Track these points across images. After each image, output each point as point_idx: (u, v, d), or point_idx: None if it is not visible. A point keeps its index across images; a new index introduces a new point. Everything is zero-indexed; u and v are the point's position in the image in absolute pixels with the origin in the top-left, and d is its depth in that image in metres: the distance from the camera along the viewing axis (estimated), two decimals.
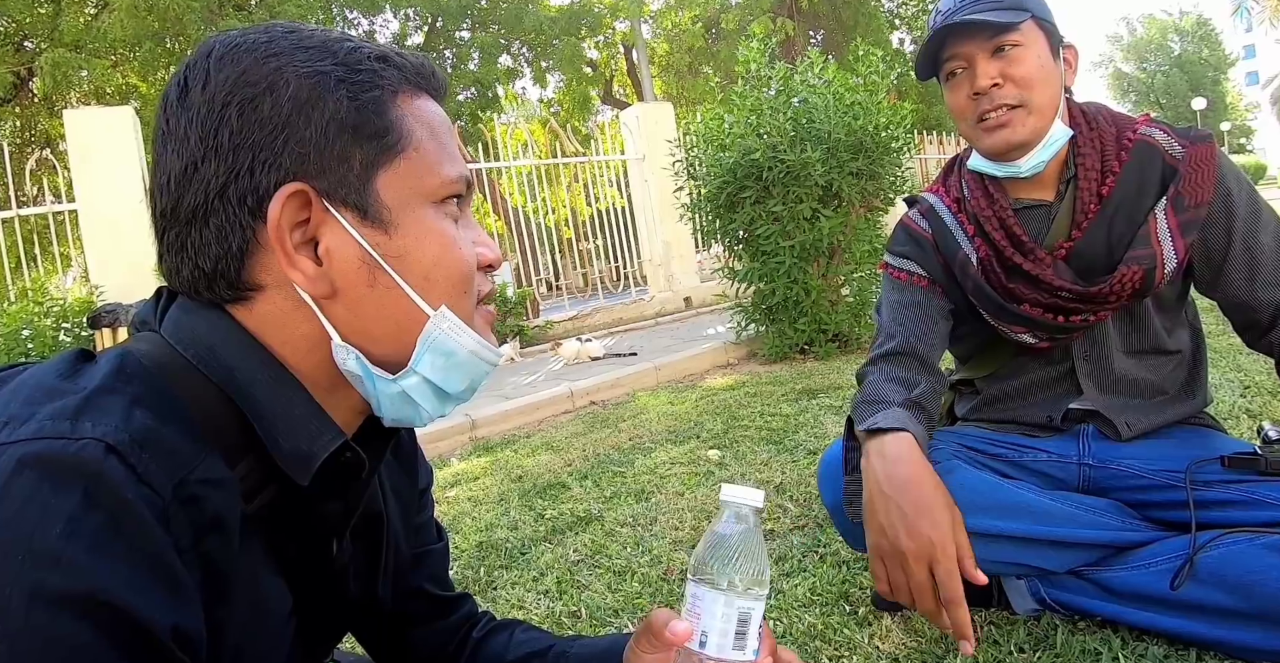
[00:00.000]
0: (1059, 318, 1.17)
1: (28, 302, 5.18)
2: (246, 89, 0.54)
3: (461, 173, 0.62)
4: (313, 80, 0.55)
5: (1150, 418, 1.22)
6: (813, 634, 1.28)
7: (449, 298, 0.60)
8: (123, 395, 0.49)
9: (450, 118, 4.03)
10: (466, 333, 0.61)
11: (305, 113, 0.55)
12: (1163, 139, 1.15)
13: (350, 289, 0.57)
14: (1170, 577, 1.05)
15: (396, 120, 0.58)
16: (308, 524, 0.62)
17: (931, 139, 11.21)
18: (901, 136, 4.16)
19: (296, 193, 0.55)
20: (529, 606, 1.59)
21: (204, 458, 0.51)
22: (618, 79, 17.70)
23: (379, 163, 0.57)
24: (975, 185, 1.23)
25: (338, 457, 0.58)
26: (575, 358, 5.37)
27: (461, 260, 0.61)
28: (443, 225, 0.60)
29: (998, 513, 1.12)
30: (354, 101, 0.56)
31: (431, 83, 0.63)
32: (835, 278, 4.27)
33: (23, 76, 9.54)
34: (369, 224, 0.57)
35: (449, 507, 2.45)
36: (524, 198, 8.88)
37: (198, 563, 0.49)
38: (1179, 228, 1.12)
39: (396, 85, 0.59)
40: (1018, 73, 1.12)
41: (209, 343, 0.56)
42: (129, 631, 0.43)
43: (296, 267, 0.55)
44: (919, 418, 1.14)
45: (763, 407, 3.13)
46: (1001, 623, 1.22)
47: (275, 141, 0.54)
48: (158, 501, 0.46)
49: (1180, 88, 34.47)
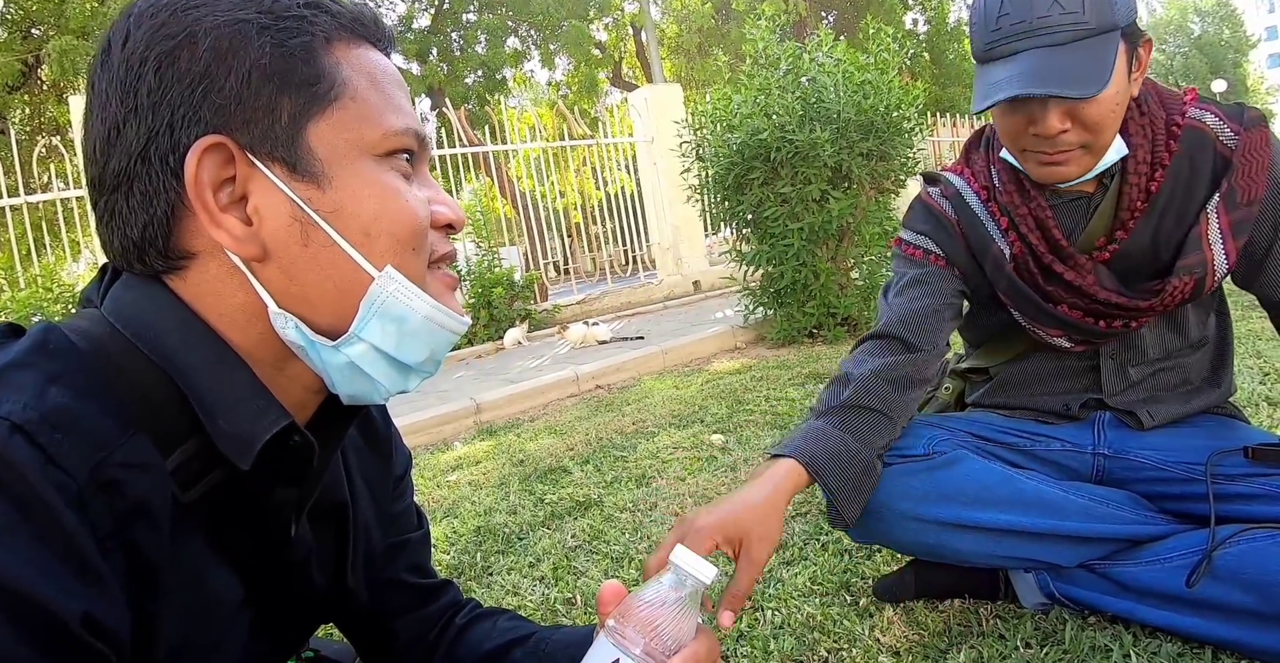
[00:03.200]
0: (1099, 323, 1.09)
1: (37, 288, 5.20)
2: (164, 43, 0.51)
3: (409, 125, 0.57)
4: (233, 28, 0.51)
5: (1174, 408, 1.16)
6: (811, 625, 1.24)
7: (395, 257, 0.55)
8: (38, 372, 0.46)
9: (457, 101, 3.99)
10: (418, 296, 0.56)
11: (225, 62, 0.51)
12: (1214, 123, 1.04)
13: (283, 250, 0.53)
14: (1186, 573, 1.00)
15: (330, 68, 0.54)
16: (258, 512, 0.58)
17: (945, 121, 11.04)
18: (913, 117, 4.07)
19: (214, 146, 0.51)
20: (524, 592, 1.56)
21: (128, 440, 0.48)
22: (626, 61, 17.56)
23: (310, 112, 0.53)
24: (1008, 177, 1.13)
25: (285, 440, 0.54)
26: (582, 342, 5.34)
27: (408, 214, 0.56)
28: (386, 178, 0.55)
29: (1006, 506, 1.07)
30: (279, 48, 0.52)
31: (373, 31, 0.58)
32: (844, 261, 4.20)
33: (30, 64, 9.55)
34: (300, 178, 0.53)
35: (449, 491, 2.43)
36: (533, 182, 8.82)
37: (121, 551, 0.47)
38: (1231, 229, 1.02)
39: (330, 32, 0.55)
40: (1089, 117, 0.97)
41: (146, 319, 0.53)
42: (35, 618, 0.41)
43: (221, 226, 0.52)
44: (837, 423, 1.05)
45: (769, 391, 3.08)
46: (1008, 617, 1.17)
47: (194, 96, 0.51)
48: (71, 484, 0.43)
49: (1200, 70, 33.88)
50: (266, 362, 0.56)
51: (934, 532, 1.09)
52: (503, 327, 6.22)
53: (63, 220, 5.94)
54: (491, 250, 6.76)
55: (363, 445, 0.76)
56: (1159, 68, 34.97)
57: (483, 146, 7.40)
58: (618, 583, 0.67)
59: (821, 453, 1.01)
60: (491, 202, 10.65)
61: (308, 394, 0.60)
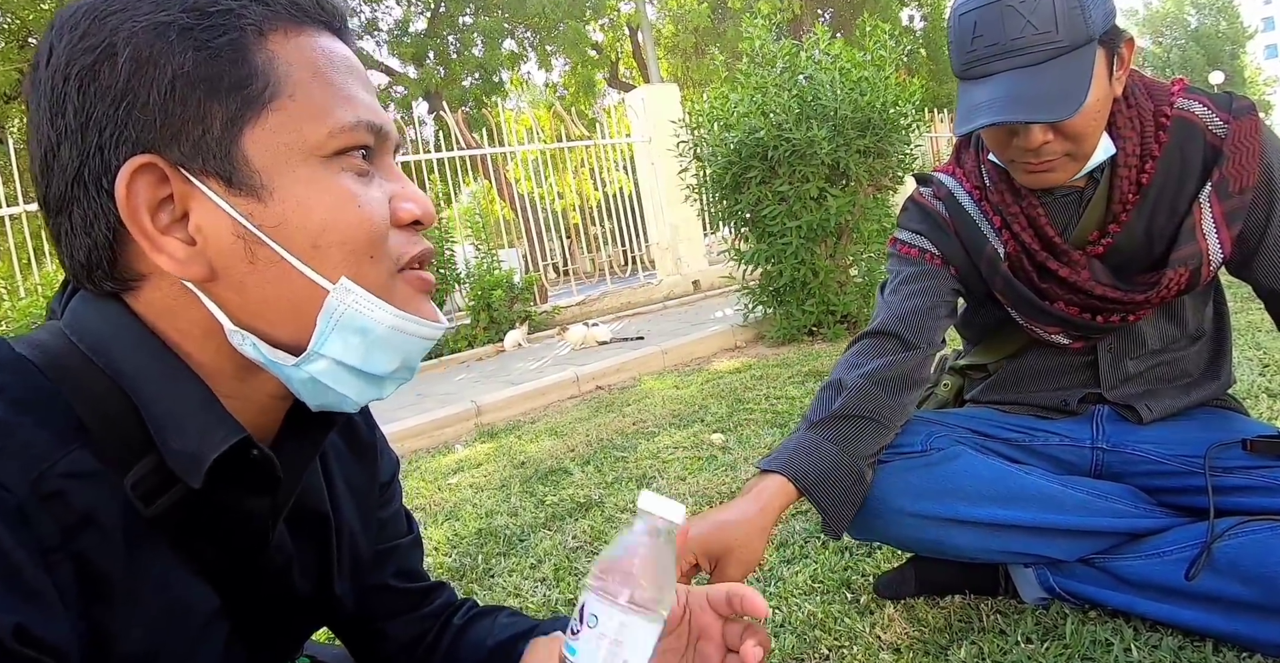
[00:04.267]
0: (1096, 318, 1.09)
1: (37, 296, 5.19)
2: (84, 57, 0.48)
3: (361, 118, 0.53)
4: (153, 34, 0.48)
5: (1173, 401, 1.16)
6: (812, 623, 1.24)
7: (349, 267, 0.52)
8: None
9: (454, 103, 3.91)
10: (379, 306, 0.53)
11: (146, 73, 0.48)
12: (1202, 113, 1.04)
13: (230, 268, 0.51)
14: (1186, 566, 1.00)
15: (263, 65, 0.50)
16: (230, 522, 0.57)
17: (942, 117, 11.02)
18: (910, 114, 4.07)
19: (143, 166, 0.48)
20: (525, 593, 1.56)
21: (70, 451, 0.47)
22: (623, 61, 17.55)
23: (243, 118, 0.49)
24: (998, 177, 1.13)
25: (244, 454, 0.53)
26: (582, 343, 5.34)
27: (362, 221, 0.52)
28: (334, 183, 0.52)
29: (1005, 502, 1.07)
30: (203, 51, 0.48)
31: (316, 12, 0.53)
32: (843, 258, 4.20)
33: (27, 73, 9.55)
34: (238, 191, 0.50)
35: (450, 494, 2.43)
36: (531, 183, 8.82)
37: (70, 562, 0.46)
38: (1224, 218, 1.02)
39: (263, 23, 0.50)
40: (1072, 128, 0.98)
41: (100, 334, 0.52)
42: None
43: (162, 250, 0.49)
44: (830, 436, 1.05)
45: (769, 390, 3.08)
46: (1008, 612, 1.17)
47: (118, 113, 0.48)
48: (8, 497, 0.43)
49: (1197, 62, 33.79)
50: (227, 374, 0.55)
51: (933, 528, 1.08)
52: (503, 329, 6.22)
53: None
54: (491, 253, 6.76)
55: (346, 451, 0.75)
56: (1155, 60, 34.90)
57: (480, 149, 7.41)
58: None
59: (812, 470, 1.01)
60: (490, 204, 10.65)
61: (274, 401, 0.58)
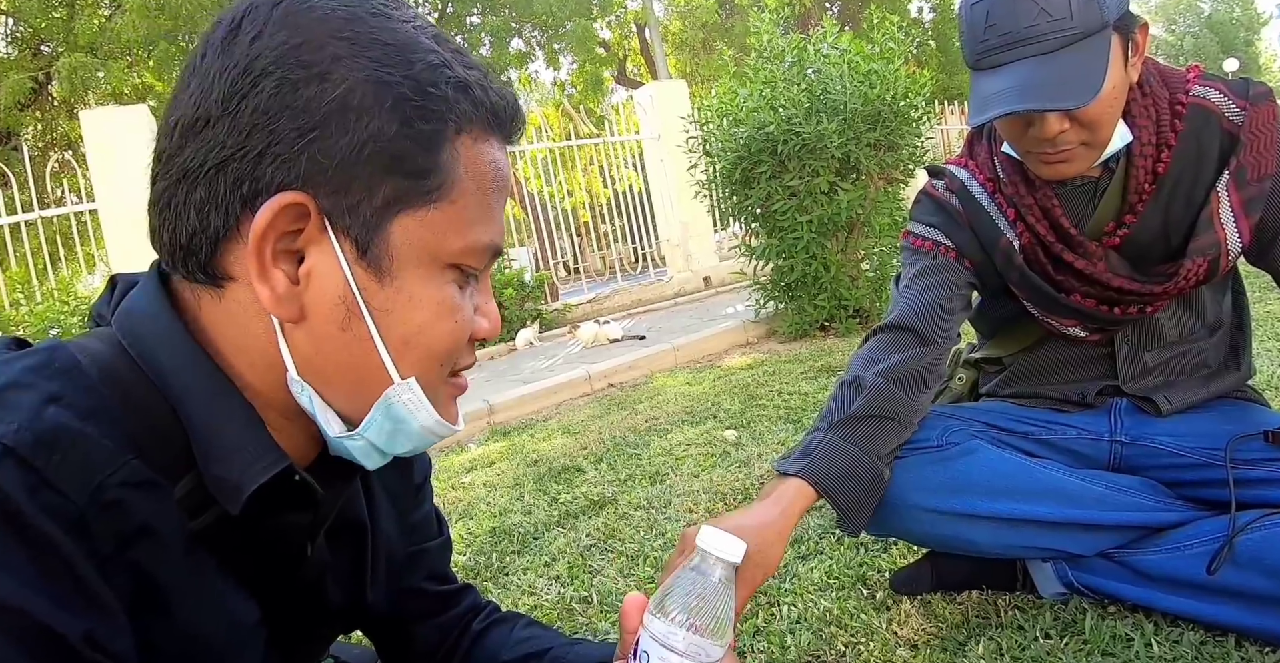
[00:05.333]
0: (1113, 310, 1.07)
1: (54, 301, 5.25)
2: (295, 68, 0.47)
3: (494, 242, 0.55)
4: (370, 87, 0.48)
5: (1193, 393, 1.14)
6: (828, 619, 1.23)
7: (421, 369, 0.54)
8: (37, 392, 0.45)
9: None
10: (425, 409, 0.55)
11: (345, 120, 0.47)
12: (1218, 100, 1.02)
13: (320, 323, 0.51)
14: (1207, 560, 0.99)
15: (446, 164, 0.50)
16: (271, 536, 0.57)
17: (953, 109, 10.95)
18: (921, 106, 4.03)
19: (295, 204, 0.48)
20: (540, 591, 1.56)
21: (128, 460, 0.47)
22: (631, 59, 17.54)
23: (405, 203, 0.50)
24: (1011, 168, 1.11)
25: (287, 478, 0.53)
26: (593, 341, 5.34)
27: (451, 335, 0.54)
28: (445, 292, 0.53)
29: (1023, 496, 1.06)
30: (406, 128, 0.48)
31: (508, 127, 0.55)
32: (855, 252, 4.17)
33: (41, 81, 9.65)
34: (365, 264, 0.50)
35: (464, 493, 2.43)
36: (540, 182, 8.83)
37: (126, 571, 0.46)
38: (1243, 206, 1.00)
39: (464, 124, 0.51)
40: (1088, 116, 0.96)
41: (153, 347, 0.51)
42: (38, 638, 0.40)
43: (267, 280, 0.49)
44: (852, 436, 1.03)
45: (781, 385, 3.07)
46: (1027, 608, 1.16)
47: (300, 139, 0.47)
48: (68, 506, 0.43)
49: (1211, 49, 33.37)
50: (276, 406, 0.55)
51: (949, 523, 1.07)
52: (514, 328, 6.23)
53: (77, 234, 6.00)
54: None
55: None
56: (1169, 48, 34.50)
57: None
58: (640, 595, 0.66)
59: (832, 472, 0.99)
60: None
61: (316, 438, 0.59)
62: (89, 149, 5.70)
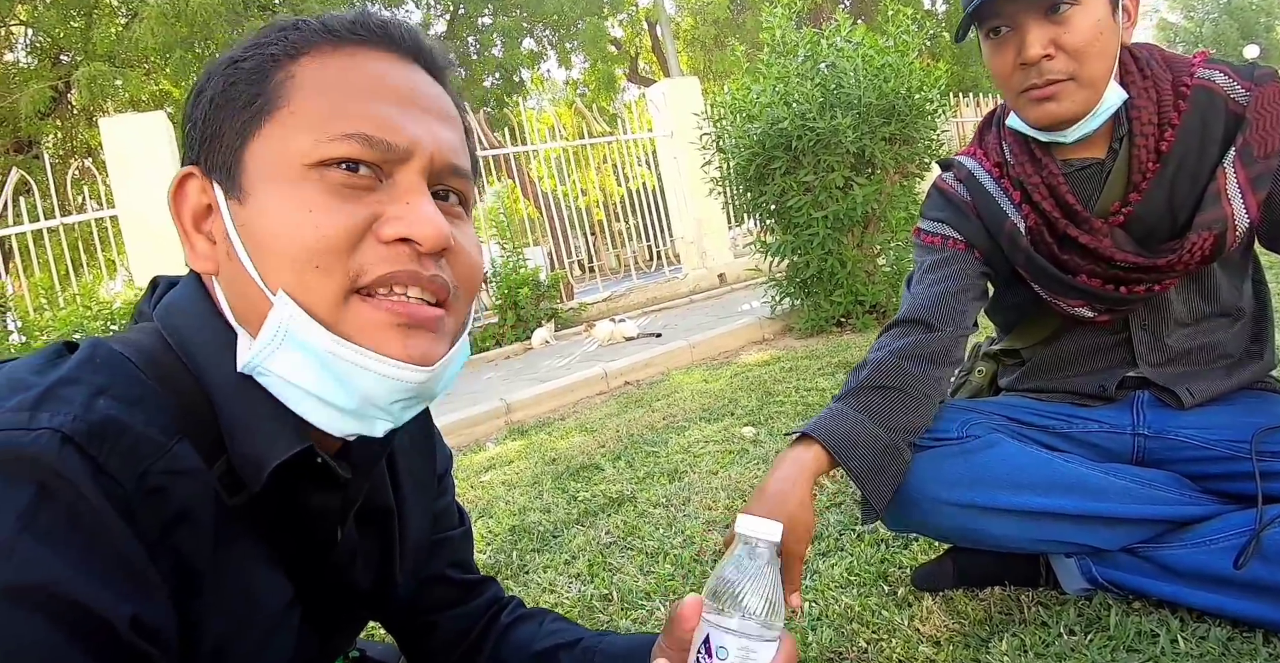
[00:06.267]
0: (1120, 289, 1.07)
1: (76, 306, 5.33)
2: (194, 87, 0.58)
3: (357, 130, 0.52)
4: (216, 69, 0.56)
5: (1215, 384, 1.13)
6: (850, 616, 1.23)
7: (290, 277, 0.51)
8: (86, 385, 0.48)
9: (476, 104, 4.02)
10: (312, 326, 0.51)
11: (200, 98, 0.56)
12: (1223, 82, 1.03)
13: (223, 265, 0.55)
14: (1234, 555, 0.97)
15: (275, 84, 0.54)
16: (302, 517, 0.60)
17: (968, 101, 10.85)
18: (936, 99, 4.00)
19: (186, 176, 0.56)
20: (560, 589, 1.56)
21: (171, 448, 0.49)
22: (643, 56, 17.52)
23: (247, 130, 0.54)
24: (1019, 148, 1.13)
25: (310, 459, 0.55)
26: (609, 339, 5.34)
27: (311, 226, 0.51)
28: (300, 191, 0.51)
29: (1045, 489, 1.05)
30: (231, 75, 0.55)
31: (364, 34, 0.56)
32: (871, 248, 4.15)
33: (61, 90, 9.78)
34: (231, 194, 0.54)
35: (483, 491, 2.44)
36: (554, 181, 8.84)
37: (167, 555, 0.48)
38: (1249, 183, 1.00)
39: (297, 48, 0.55)
40: (1071, 42, 0.99)
41: (188, 335, 0.56)
42: (85, 623, 0.42)
43: (189, 244, 0.56)
44: (858, 406, 1.04)
45: (798, 382, 3.06)
46: (1050, 604, 1.15)
47: (191, 131, 0.57)
48: (119, 491, 0.45)
49: (1230, 35, 32.84)
50: None
51: (970, 517, 1.07)
52: (530, 327, 6.25)
53: (98, 240, 6.08)
54: (516, 251, 6.79)
55: (408, 446, 0.78)
56: (1188, 35, 34.02)
57: (503, 149, 7.43)
58: (696, 596, 0.67)
59: (841, 433, 1.00)
60: (514, 203, 10.70)
61: None
62: (108, 156, 5.78)
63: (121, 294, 5.83)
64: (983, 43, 1.09)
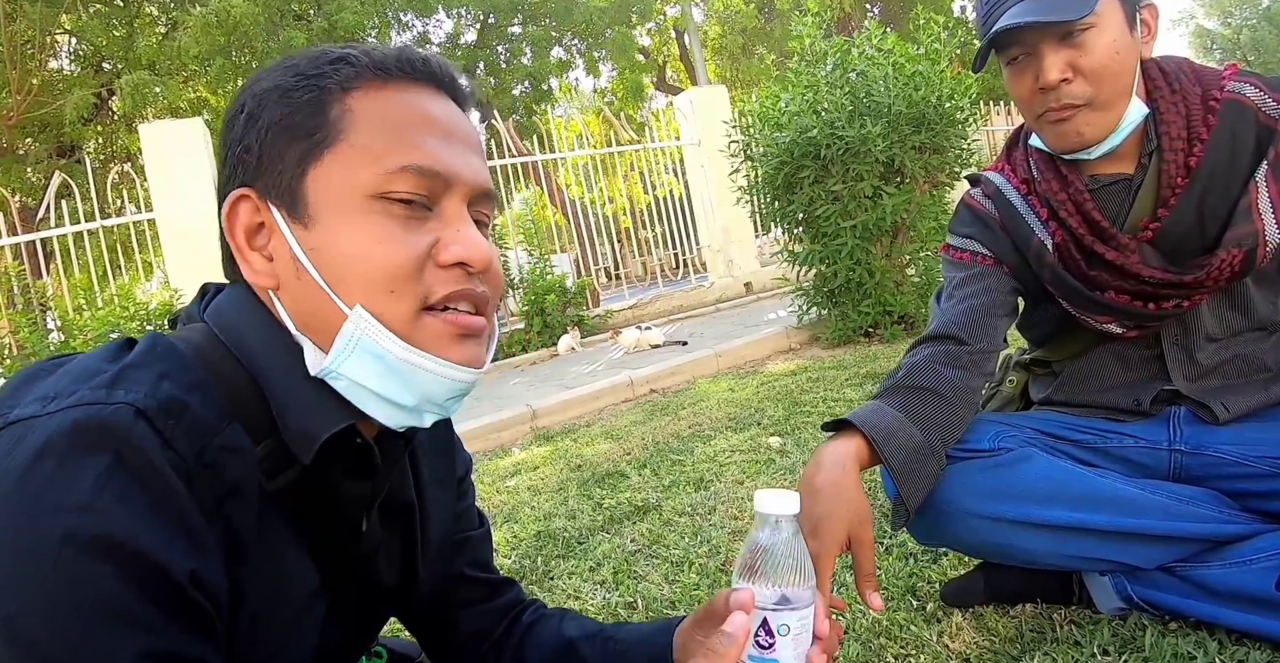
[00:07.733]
0: (1149, 305, 1.06)
1: (114, 307, 5.45)
2: (230, 113, 0.62)
3: (415, 164, 0.59)
4: (266, 94, 0.60)
5: (1252, 398, 1.10)
6: (878, 631, 1.22)
7: (367, 297, 0.58)
8: (151, 370, 0.54)
9: (505, 112, 4.14)
10: (388, 338, 0.58)
11: (251, 123, 0.60)
12: (1254, 95, 1.02)
13: (287, 281, 0.60)
14: (1275, 575, 0.95)
15: (335, 117, 0.59)
16: (333, 504, 0.64)
17: (999, 110, 10.73)
18: (967, 107, 3.97)
19: (240, 197, 0.61)
20: (585, 596, 1.57)
21: (225, 428, 0.55)
22: (670, 65, 17.58)
23: (309, 159, 0.59)
24: (1044, 165, 1.12)
25: (349, 440, 0.61)
26: (635, 346, 5.36)
27: (384, 257, 0.58)
28: (369, 221, 0.59)
29: (1078, 504, 1.03)
30: (290, 104, 0.60)
31: (410, 73, 0.62)
32: (900, 258, 4.12)
33: (103, 97, 10.03)
34: (295, 219, 0.59)
35: (508, 497, 2.46)
36: (581, 188, 8.89)
37: (221, 524, 0.54)
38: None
39: (348, 81, 0.60)
40: (1089, 64, 0.99)
41: (241, 332, 0.61)
42: (149, 573, 0.48)
43: (246, 261, 0.61)
44: (896, 404, 1.03)
45: (825, 392, 3.04)
46: (1084, 623, 1.13)
47: (234, 154, 0.61)
48: (182, 463, 0.51)
49: (1270, 42, 32.17)
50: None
51: (1002, 531, 1.05)
52: (556, 333, 6.28)
53: (136, 243, 6.23)
54: (543, 258, 6.83)
55: (430, 448, 0.82)
56: (1225, 42, 33.41)
57: (531, 156, 7.49)
58: (746, 587, 0.68)
59: (882, 427, 0.99)
60: (541, 210, 10.76)
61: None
62: (147, 161, 5.91)
63: (157, 295, 5.95)
64: (1003, 69, 1.09)
